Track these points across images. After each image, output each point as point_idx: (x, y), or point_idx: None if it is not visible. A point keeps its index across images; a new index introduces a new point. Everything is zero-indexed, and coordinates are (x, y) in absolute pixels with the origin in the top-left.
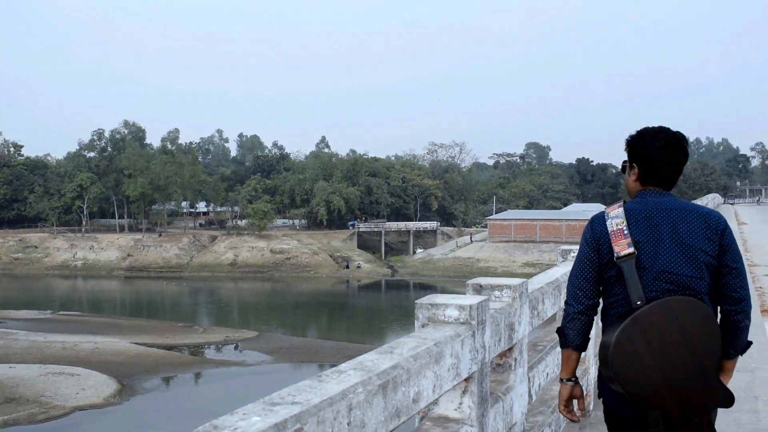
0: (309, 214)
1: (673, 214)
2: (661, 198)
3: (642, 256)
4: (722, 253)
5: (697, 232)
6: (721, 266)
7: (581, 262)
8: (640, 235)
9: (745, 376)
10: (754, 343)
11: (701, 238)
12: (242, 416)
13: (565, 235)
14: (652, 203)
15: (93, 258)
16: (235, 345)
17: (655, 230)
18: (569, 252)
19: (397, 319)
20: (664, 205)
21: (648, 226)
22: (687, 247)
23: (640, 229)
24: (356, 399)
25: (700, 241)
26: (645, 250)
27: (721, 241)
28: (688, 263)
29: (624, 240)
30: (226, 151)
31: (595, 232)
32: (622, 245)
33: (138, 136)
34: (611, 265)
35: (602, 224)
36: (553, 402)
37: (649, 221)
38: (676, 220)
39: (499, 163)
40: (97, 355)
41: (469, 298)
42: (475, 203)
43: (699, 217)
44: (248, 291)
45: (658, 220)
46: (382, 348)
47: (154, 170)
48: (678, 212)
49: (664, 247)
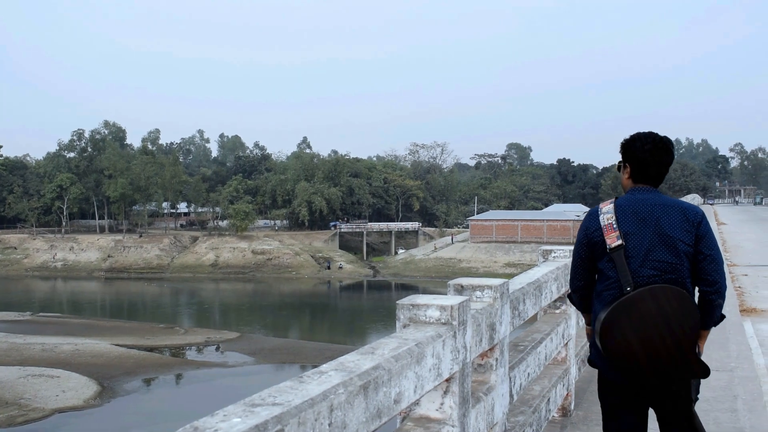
0: (290, 214)
1: (657, 209)
2: (648, 194)
3: (629, 246)
4: (698, 242)
5: (676, 224)
6: (697, 253)
7: (577, 252)
8: (628, 227)
9: (724, 375)
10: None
11: (680, 230)
12: (223, 418)
13: (546, 235)
14: (639, 199)
15: (73, 259)
16: (217, 346)
17: (642, 223)
18: (550, 252)
19: (379, 319)
20: (650, 201)
21: (635, 220)
22: (668, 237)
23: (629, 222)
24: (337, 400)
25: (679, 233)
26: (632, 241)
27: (697, 232)
28: (669, 251)
29: (614, 233)
30: (207, 151)
31: (590, 227)
32: (612, 238)
33: (118, 136)
34: (604, 254)
35: (596, 219)
36: (534, 402)
37: (636, 215)
38: (660, 214)
39: (480, 164)
40: (77, 357)
41: (450, 299)
42: (456, 204)
43: (679, 212)
44: (229, 292)
45: (644, 214)
46: (363, 349)
47: (135, 171)
48: (661, 207)
49: (648, 238)
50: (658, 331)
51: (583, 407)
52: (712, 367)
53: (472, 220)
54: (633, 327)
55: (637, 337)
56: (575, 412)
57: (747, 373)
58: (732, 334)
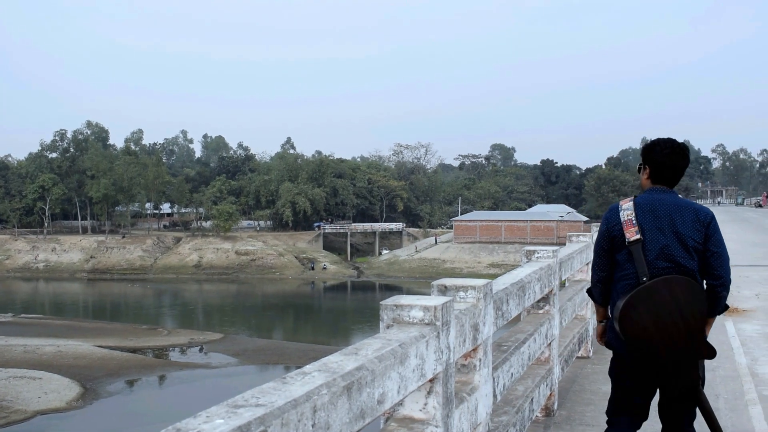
0: (274, 215)
1: (671, 209)
2: (664, 195)
3: (646, 240)
4: (707, 240)
5: (688, 223)
6: (705, 250)
7: (599, 244)
8: (645, 224)
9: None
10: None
11: (691, 229)
12: (205, 419)
13: (530, 236)
14: (657, 198)
15: (55, 260)
16: (200, 347)
17: (657, 221)
18: (533, 253)
19: (363, 320)
20: (666, 201)
21: (652, 217)
22: (680, 235)
23: (646, 219)
24: (321, 401)
25: (690, 231)
26: (649, 236)
27: (707, 231)
28: (680, 247)
29: (633, 228)
30: (190, 152)
31: (610, 221)
32: (631, 232)
33: (101, 136)
34: (623, 247)
35: (616, 215)
36: (517, 402)
37: (653, 213)
38: (674, 213)
39: (464, 165)
40: (59, 359)
41: (434, 299)
42: (440, 204)
43: (691, 212)
44: (213, 293)
45: (660, 212)
46: (346, 349)
47: (118, 171)
48: (675, 207)
49: (663, 234)
50: (672, 316)
51: (567, 407)
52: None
53: (456, 221)
54: (649, 312)
55: (653, 321)
56: (558, 411)
57: (729, 372)
58: (714, 333)
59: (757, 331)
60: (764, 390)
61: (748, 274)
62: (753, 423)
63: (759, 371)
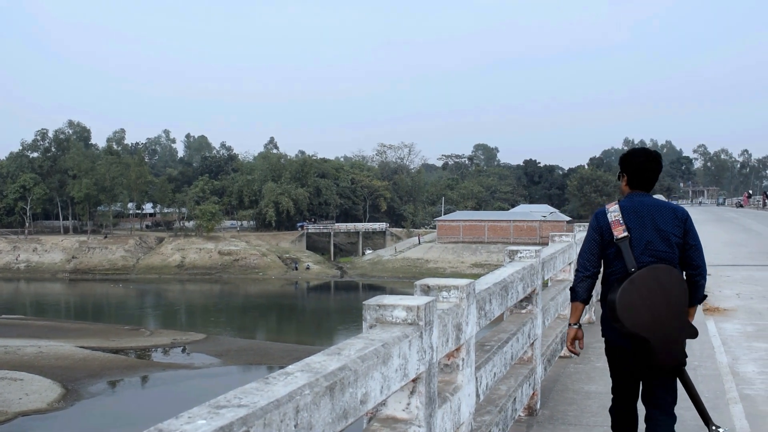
0: (257, 215)
1: (652, 209)
2: (643, 198)
3: (633, 237)
4: (685, 234)
5: (668, 221)
6: (684, 244)
7: (589, 243)
8: (630, 223)
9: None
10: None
11: (671, 225)
12: (187, 420)
13: (513, 235)
14: (638, 201)
15: (36, 260)
16: (183, 348)
17: (641, 220)
18: (516, 253)
19: (346, 320)
20: (646, 203)
21: (636, 217)
22: (662, 231)
23: (630, 219)
24: (303, 401)
25: (671, 227)
26: (634, 234)
27: (685, 227)
28: (663, 242)
29: (620, 227)
30: (173, 151)
31: (600, 222)
32: (619, 230)
33: (83, 136)
34: (611, 245)
35: (604, 216)
36: (500, 401)
37: (636, 213)
38: (654, 213)
39: (447, 165)
40: (41, 359)
41: (417, 299)
42: (423, 204)
43: (670, 211)
44: (196, 293)
45: (643, 213)
46: (329, 349)
47: (100, 171)
48: (655, 207)
49: (647, 231)
50: (660, 300)
51: (549, 406)
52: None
53: (439, 221)
54: (641, 297)
55: (644, 304)
56: (541, 411)
57: (710, 371)
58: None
59: (737, 330)
60: (745, 389)
61: (729, 273)
62: (734, 422)
63: (740, 370)
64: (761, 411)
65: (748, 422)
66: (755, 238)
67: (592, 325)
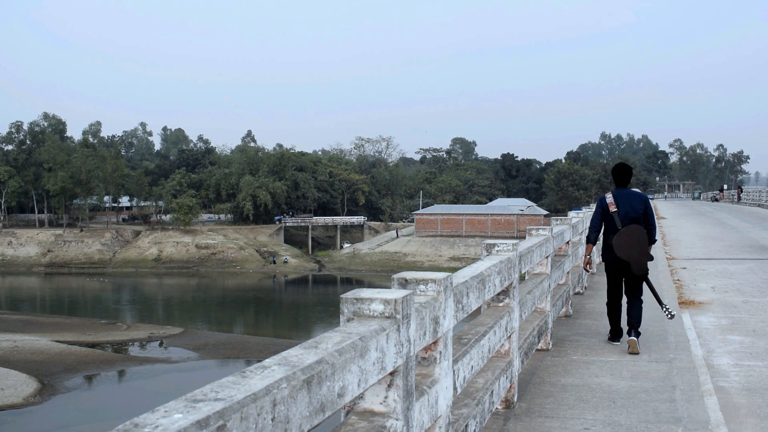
0: (235, 208)
1: (629, 195)
2: (624, 191)
3: (619, 211)
4: (645, 209)
5: (637, 202)
6: (645, 214)
7: (596, 213)
8: (618, 204)
9: (663, 366)
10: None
11: (639, 204)
12: (164, 413)
13: (491, 229)
14: (622, 192)
15: (11, 254)
16: (160, 342)
17: (623, 201)
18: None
19: (324, 314)
20: (626, 193)
21: (620, 200)
22: (634, 207)
23: (618, 202)
24: (280, 394)
25: (638, 205)
26: (620, 209)
27: (645, 205)
28: (634, 213)
29: (613, 205)
30: (150, 144)
31: (602, 203)
32: (612, 207)
33: (58, 128)
34: (608, 215)
35: (604, 200)
36: (477, 394)
37: (620, 198)
38: (630, 197)
39: (425, 158)
40: (16, 354)
41: (394, 293)
42: (401, 198)
43: (638, 196)
44: (173, 287)
45: (624, 199)
46: (306, 343)
47: (75, 164)
48: (631, 194)
49: (626, 207)
50: (634, 242)
51: (526, 399)
52: (651, 359)
53: (417, 215)
54: (625, 241)
55: (627, 245)
56: (518, 404)
57: (685, 364)
58: (671, 326)
59: (712, 323)
60: (720, 381)
61: (704, 267)
62: (709, 413)
63: (714, 363)
64: (735, 403)
65: (723, 414)
66: (730, 232)
67: (569, 318)
